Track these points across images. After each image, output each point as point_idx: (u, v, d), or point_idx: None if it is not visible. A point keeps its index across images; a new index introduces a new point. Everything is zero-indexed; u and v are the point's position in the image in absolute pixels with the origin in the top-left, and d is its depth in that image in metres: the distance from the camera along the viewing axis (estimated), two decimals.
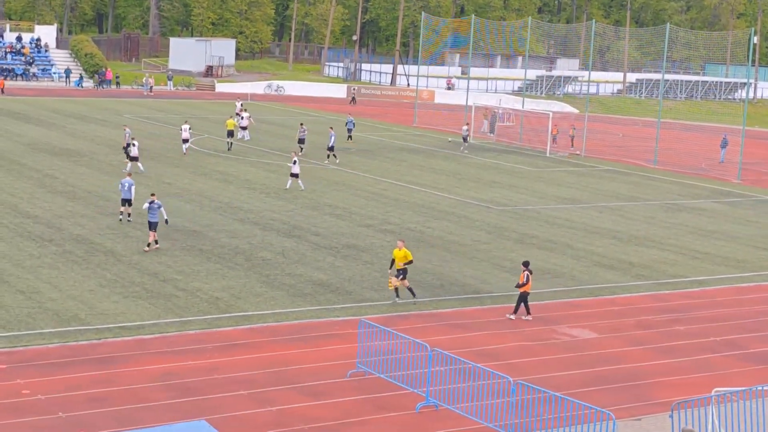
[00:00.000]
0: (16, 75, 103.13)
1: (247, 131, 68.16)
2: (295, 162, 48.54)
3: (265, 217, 42.22)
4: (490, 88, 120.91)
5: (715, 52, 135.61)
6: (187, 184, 47.86)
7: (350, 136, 69.86)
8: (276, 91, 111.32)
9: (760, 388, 22.08)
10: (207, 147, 62.73)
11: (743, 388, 22.02)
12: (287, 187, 48.24)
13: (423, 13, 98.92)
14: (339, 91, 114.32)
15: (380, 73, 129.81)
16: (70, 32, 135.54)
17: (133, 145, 51.42)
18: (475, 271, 35.06)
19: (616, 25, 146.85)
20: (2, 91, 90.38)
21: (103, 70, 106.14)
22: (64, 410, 21.02)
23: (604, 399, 23.01)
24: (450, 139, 76.17)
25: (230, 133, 62.72)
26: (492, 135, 79.33)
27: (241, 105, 76.34)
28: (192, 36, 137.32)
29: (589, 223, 45.32)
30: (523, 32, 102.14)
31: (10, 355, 24.19)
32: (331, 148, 59.88)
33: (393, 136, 76.63)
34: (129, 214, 39.39)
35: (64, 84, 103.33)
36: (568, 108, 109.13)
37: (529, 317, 29.63)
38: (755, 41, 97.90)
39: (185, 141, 59.02)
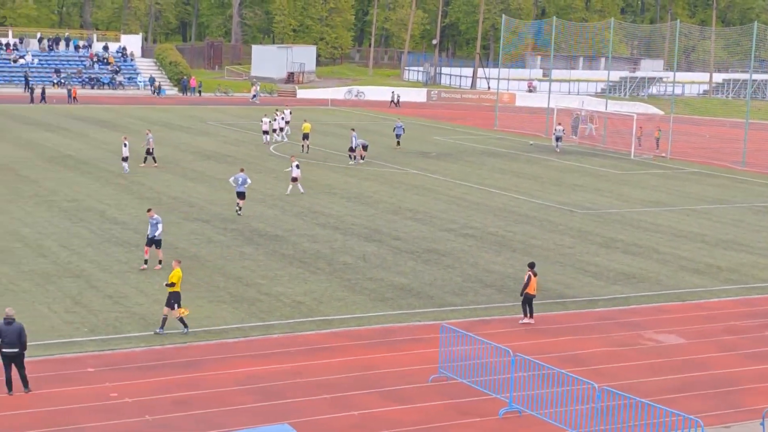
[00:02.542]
0: (103, 84, 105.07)
1: (284, 133, 70.31)
2: (297, 166, 48.15)
3: (345, 221, 42.35)
4: (572, 90, 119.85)
5: None
6: (270, 189, 48.23)
7: (398, 142, 68.44)
8: (356, 96, 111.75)
9: None
10: (287, 152, 63.15)
11: None
12: (287, 192, 47.88)
13: (503, 15, 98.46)
14: (419, 95, 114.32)
15: (460, 76, 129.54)
16: (154, 41, 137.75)
17: (125, 146, 52.51)
18: (559, 275, 34.71)
19: (701, 24, 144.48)
20: (75, 99, 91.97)
21: (187, 78, 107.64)
22: (151, 413, 21.28)
23: (692, 406, 22.55)
24: (531, 142, 75.67)
25: (305, 136, 63.47)
26: (574, 137, 78.61)
27: (290, 112, 75.87)
28: (273, 43, 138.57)
29: (676, 226, 44.58)
30: (606, 33, 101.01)
31: (99, 358, 24.59)
32: (351, 149, 60.30)
33: (473, 140, 76.36)
34: (240, 207, 42.38)
35: (149, 92, 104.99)
36: (652, 109, 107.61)
37: (531, 320, 29.15)
38: None
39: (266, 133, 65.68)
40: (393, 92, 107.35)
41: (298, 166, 47.80)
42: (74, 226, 39.03)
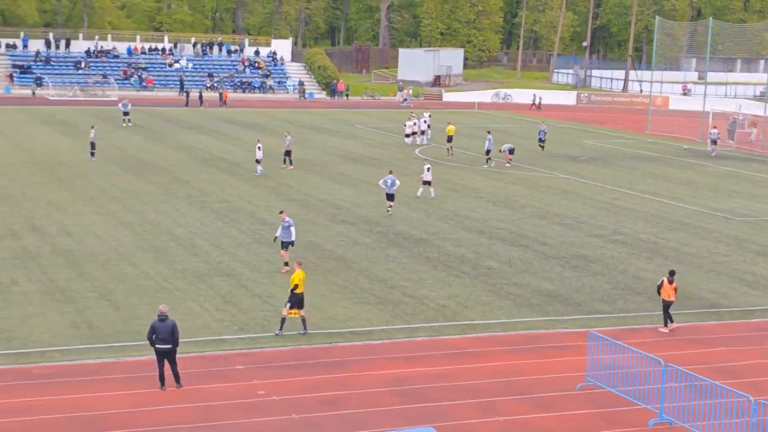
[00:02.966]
0: (254, 88, 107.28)
1: (425, 136, 70.47)
2: (428, 169, 47.79)
3: (491, 225, 42.08)
4: (728, 93, 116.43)
5: None
6: (415, 191, 48.31)
7: (542, 146, 67.23)
8: (503, 99, 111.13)
9: None
10: (433, 156, 63.22)
11: None
12: (418, 194, 47.53)
13: (657, 17, 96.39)
14: (568, 98, 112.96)
15: (611, 79, 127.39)
16: (304, 45, 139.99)
17: (259, 148, 53.35)
18: (713, 284, 33.69)
19: None
20: (225, 103, 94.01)
21: (335, 82, 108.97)
22: (297, 412, 21.53)
23: None
24: (686, 146, 73.81)
25: (449, 139, 63.67)
26: (731, 142, 76.30)
27: (429, 115, 75.77)
28: (421, 46, 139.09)
29: None
30: (766, 34, 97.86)
31: (248, 356, 25.03)
32: (487, 152, 59.77)
33: (624, 144, 74.95)
34: (391, 206, 43.23)
35: (301, 96, 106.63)
36: None
37: (665, 329, 28.34)
38: None
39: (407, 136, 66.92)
40: (534, 95, 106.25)
41: (429, 169, 47.75)
42: (225, 226, 39.90)
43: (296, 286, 26.49)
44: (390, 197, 43.42)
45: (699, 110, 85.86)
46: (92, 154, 55.95)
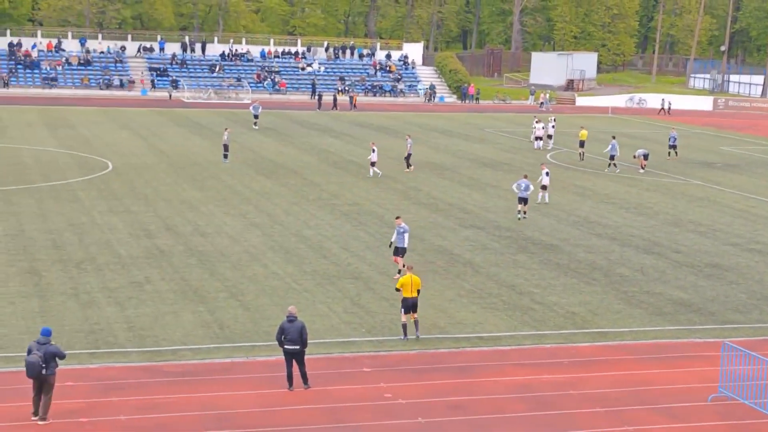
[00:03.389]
0: (385, 91, 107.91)
1: (544, 141, 69.64)
2: (547, 173, 46.77)
3: (623, 232, 41.37)
4: None
5: None
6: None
7: (674, 152, 65.23)
8: (638, 104, 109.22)
9: None
10: (564, 161, 62.53)
11: None
12: (538, 201, 46.31)
13: None
14: (705, 103, 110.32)
15: (750, 84, 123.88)
16: (435, 49, 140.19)
17: (373, 151, 53.52)
18: None
19: None
20: (355, 106, 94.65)
21: (466, 85, 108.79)
22: (424, 416, 21.53)
23: None
24: None
25: (582, 143, 62.70)
26: None
27: (554, 119, 74.86)
28: (554, 50, 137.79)
29: None
30: None
31: (375, 359, 25.14)
32: (611, 157, 58.91)
33: (763, 150, 72.80)
34: (525, 212, 42.93)
35: (428, 100, 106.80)
36: None
37: None
38: None
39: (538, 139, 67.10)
40: (663, 99, 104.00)
41: (548, 174, 47.11)
42: (354, 229, 40.20)
43: (399, 290, 26.39)
44: (523, 201, 43.16)
45: None
46: (225, 156, 57.09)
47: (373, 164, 53.70)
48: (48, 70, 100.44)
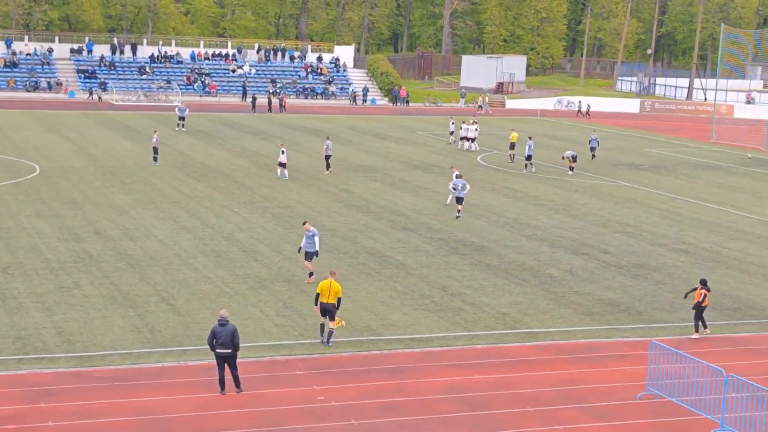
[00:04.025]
0: (316, 94, 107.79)
1: (474, 143, 69.63)
2: (458, 176, 47.21)
3: (552, 233, 41.84)
4: None
5: None
6: (476, 199, 48.20)
7: (593, 155, 66.07)
8: (566, 106, 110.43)
9: None
10: (495, 163, 63.04)
11: None
12: (447, 202, 46.96)
13: (722, 24, 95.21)
14: (632, 106, 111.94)
15: (675, 87, 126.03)
16: (366, 52, 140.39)
17: (282, 152, 53.51)
18: None
19: None
20: (284, 109, 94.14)
21: (397, 88, 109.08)
22: (356, 418, 21.58)
23: None
24: (750, 155, 72.80)
25: (512, 146, 63.37)
26: None
27: (473, 120, 75.54)
28: (483, 53, 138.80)
29: None
30: None
31: (307, 362, 25.15)
32: (528, 158, 59.83)
33: (688, 152, 74.12)
34: (459, 211, 43.84)
35: (353, 102, 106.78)
36: None
37: (696, 335, 28.13)
38: None
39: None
40: (580, 101, 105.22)
41: (458, 176, 47.22)
42: (286, 232, 40.13)
43: (318, 295, 26.26)
44: (459, 201, 43.96)
45: (764, 119, 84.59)
46: (155, 158, 56.61)
47: (282, 165, 53.49)
48: None
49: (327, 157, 56.28)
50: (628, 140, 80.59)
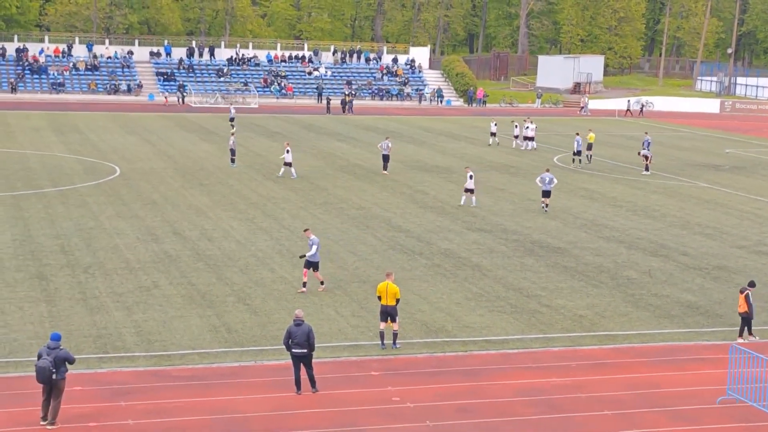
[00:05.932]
0: (392, 95, 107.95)
1: (533, 142, 69.63)
2: (471, 176, 46.47)
3: (630, 235, 41.35)
4: None
5: None
6: (553, 200, 47.82)
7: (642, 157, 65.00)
8: (645, 107, 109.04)
9: None
10: (571, 164, 62.48)
11: None
12: (461, 203, 46.66)
13: None
14: (712, 106, 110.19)
15: (756, 86, 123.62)
16: (442, 53, 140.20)
17: (287, 151, 53.44)
18: None
19: None
20: (352, 110, 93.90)
21: (473, 89, 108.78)
22: (432, 419, 21.54)
23: None
24: None
25: (590, 146, 62.84)
26: None
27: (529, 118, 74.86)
28: (560, 53, 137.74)
29: None
30: None
31: (383, 362, 25.17)
32: (577, 153, 61.06)
33: None
34: (547, 205, 45.59)
35: (436, 103, 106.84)
36: None
37: (740, 340, 27.39)
38: None
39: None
40: (629, 101, 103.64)
41: (471, 177, 46.88)
42: (361, 233, 40.22)
43: (379, 298, 26.27)
44: (546, 194, 45.45)
45: None
46: (233, 160, 57.17)
47: (288, 164, 53.51)
48: (55, 76, 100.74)
49: (385, 157, 56.25)
50: (708, 141, 79.34)
